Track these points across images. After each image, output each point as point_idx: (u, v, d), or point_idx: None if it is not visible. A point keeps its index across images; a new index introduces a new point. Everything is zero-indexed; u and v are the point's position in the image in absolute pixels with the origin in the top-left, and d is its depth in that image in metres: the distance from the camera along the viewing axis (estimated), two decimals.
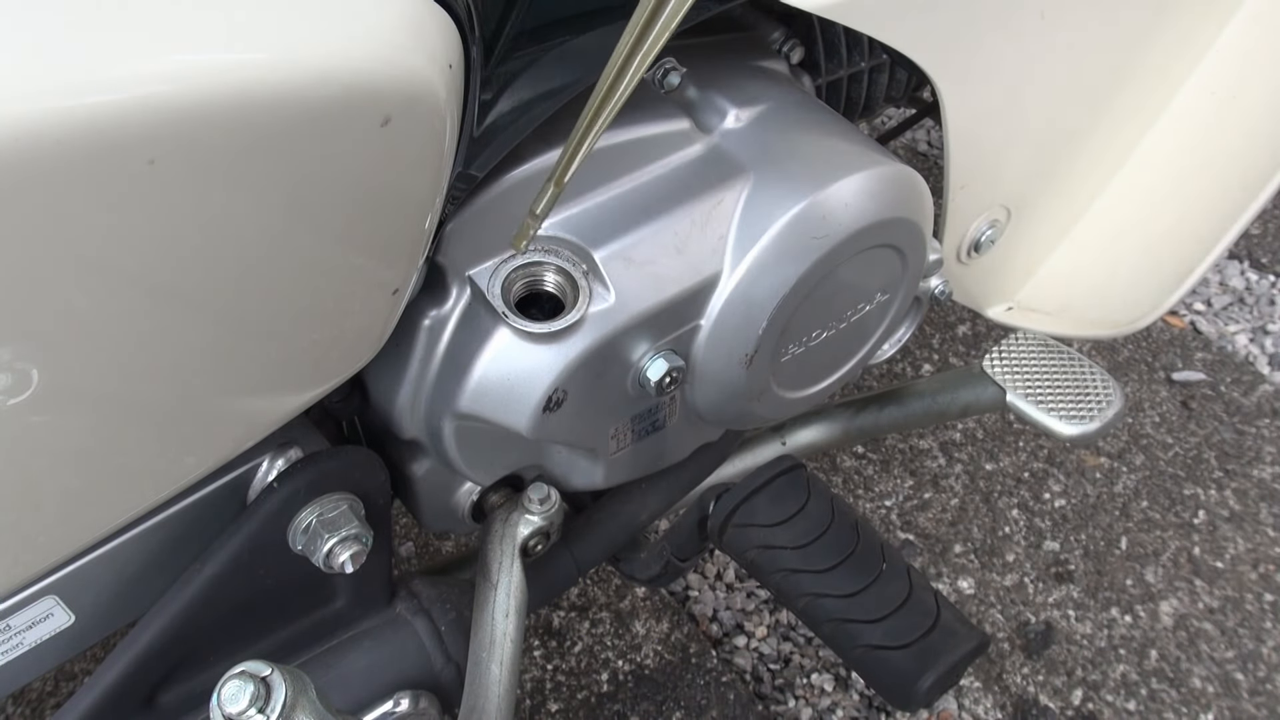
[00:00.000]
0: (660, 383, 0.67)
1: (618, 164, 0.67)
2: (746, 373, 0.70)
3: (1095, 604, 1.29)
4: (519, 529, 0.74)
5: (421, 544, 1.34)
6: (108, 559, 0.58)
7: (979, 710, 1.19)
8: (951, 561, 1.33)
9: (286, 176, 0.41)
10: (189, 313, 0.43)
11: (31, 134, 0.32)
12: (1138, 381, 1.57)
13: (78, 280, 0.38)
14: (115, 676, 0.60)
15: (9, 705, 1.14)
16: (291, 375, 0.53)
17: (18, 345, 0.39)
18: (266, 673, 0.51)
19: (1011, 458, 1.46)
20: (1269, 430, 1.49)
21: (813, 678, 1.21)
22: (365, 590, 0.71)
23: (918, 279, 0.80)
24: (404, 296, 0.56)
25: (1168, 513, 1.39)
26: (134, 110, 0.34)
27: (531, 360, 0.62)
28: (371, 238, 0.48)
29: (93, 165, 0.34)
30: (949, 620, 0.75)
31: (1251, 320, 1.68)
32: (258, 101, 0.37)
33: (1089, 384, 0.90)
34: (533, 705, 1.17)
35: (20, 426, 0.42)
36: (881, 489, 1.41)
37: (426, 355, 0.64)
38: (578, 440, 0.70)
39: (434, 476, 0.74)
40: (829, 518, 0.79)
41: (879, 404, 0.99)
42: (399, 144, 0.43)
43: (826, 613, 0.76)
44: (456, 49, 0.44)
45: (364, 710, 0.70)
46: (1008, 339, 0.94)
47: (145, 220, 0.38)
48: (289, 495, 0.61)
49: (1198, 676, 1.22)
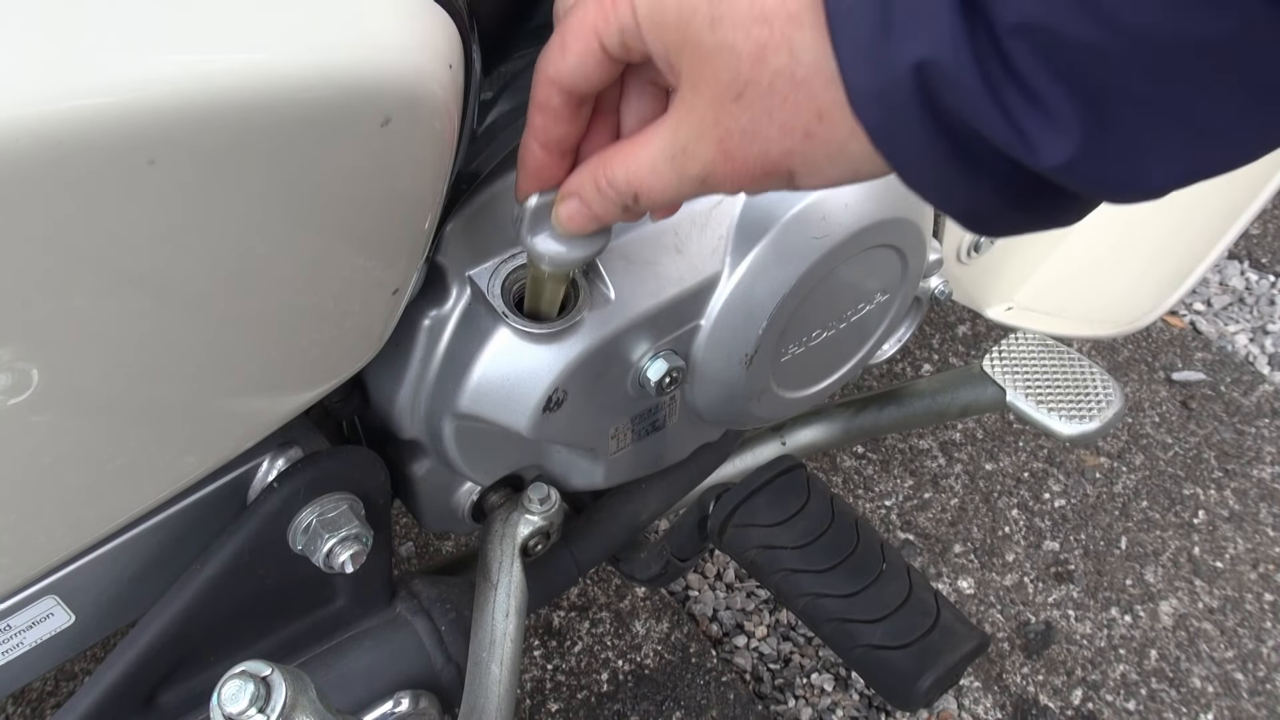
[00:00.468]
0: (660, 383, 0.67)
1: None
2: (746, 373, 0.70)
3: (1095, 604, 1.29)
4: (519, 529, 0.74)
5: (421, 544, 1.34)
6: (108, 559, 0.58)
7: (979, 710, 1.19)
8: (951, 561, 1.33)
9: (286, 176, 0.41)
10: (189, 313, 0.43)
11: (31, 134, 0.32)
12: (1138, 381, 1.57)
13: (78, 280, 0.38)
14: (115, 676, 0.60)
15: (9, 705, 1.14)
16: (291, 375, 0.53)
17: (17, 345, 0.39)
18: (266, 673, 0.51)
19: (1011, 458, 1.46)
20: (1269, 430, 1.49)
21: (813, 677, 1.21)
22: (365, 590, 0.71)
23: (918, 279, 0.80)
24: (404, 296, 0.56)
25: (1168, 513, 1.39)
26: (134, 110, 0.34)
27: (531, 360, 0.62)
28: (371, 238, 0.48)
29: (93, 165, 0.34)
30: (949, 620, 0.75)
31: (1251, 320, 1.68)
32: (257, 102, 0.37)
33: (1089, 384, 0.90)
34: (533, 705, 1.17)
35: (20, 426, 0.42)
36: (881, 489, 1.41)
37: (426, 355, 0.64)
38: (578, 440, 0.70)
39: (434, 476, 0.74)
40: (829, 518, 0.79)
41: (879, 404, 1.00)
42: (399, 144, 0.43)
43: (826, 613, 0.76)
44: (456, 49, 0.44)
45: (364, 710, 0.70)
46: (1008, 339, 0.94)
47: (145, 220, 0.38)
48: (289, 495, 0.61)
49: (1197, 676, 1.22)
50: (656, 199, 0.43)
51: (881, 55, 0.32)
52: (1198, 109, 0.30)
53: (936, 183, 0.35)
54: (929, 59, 0.31)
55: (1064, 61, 0.29)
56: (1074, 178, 0.32)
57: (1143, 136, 0.31)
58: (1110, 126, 0.30)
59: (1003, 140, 0.32)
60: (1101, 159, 0.31)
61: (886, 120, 0.34)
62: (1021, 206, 0.35)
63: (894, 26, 0.32)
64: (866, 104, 0.34)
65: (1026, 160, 0.32)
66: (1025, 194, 0.35)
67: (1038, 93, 0.30)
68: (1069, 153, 0.31)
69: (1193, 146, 0.31)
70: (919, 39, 0.31)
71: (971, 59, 0.30)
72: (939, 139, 0.33)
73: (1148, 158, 0.31)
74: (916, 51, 0.31)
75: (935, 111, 0.33)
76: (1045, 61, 0.29)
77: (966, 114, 0.32)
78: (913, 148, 0.34)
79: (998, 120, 0.31)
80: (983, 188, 0.34)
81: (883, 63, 0.33)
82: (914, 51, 0.31)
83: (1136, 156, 0.31)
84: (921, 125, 0.33)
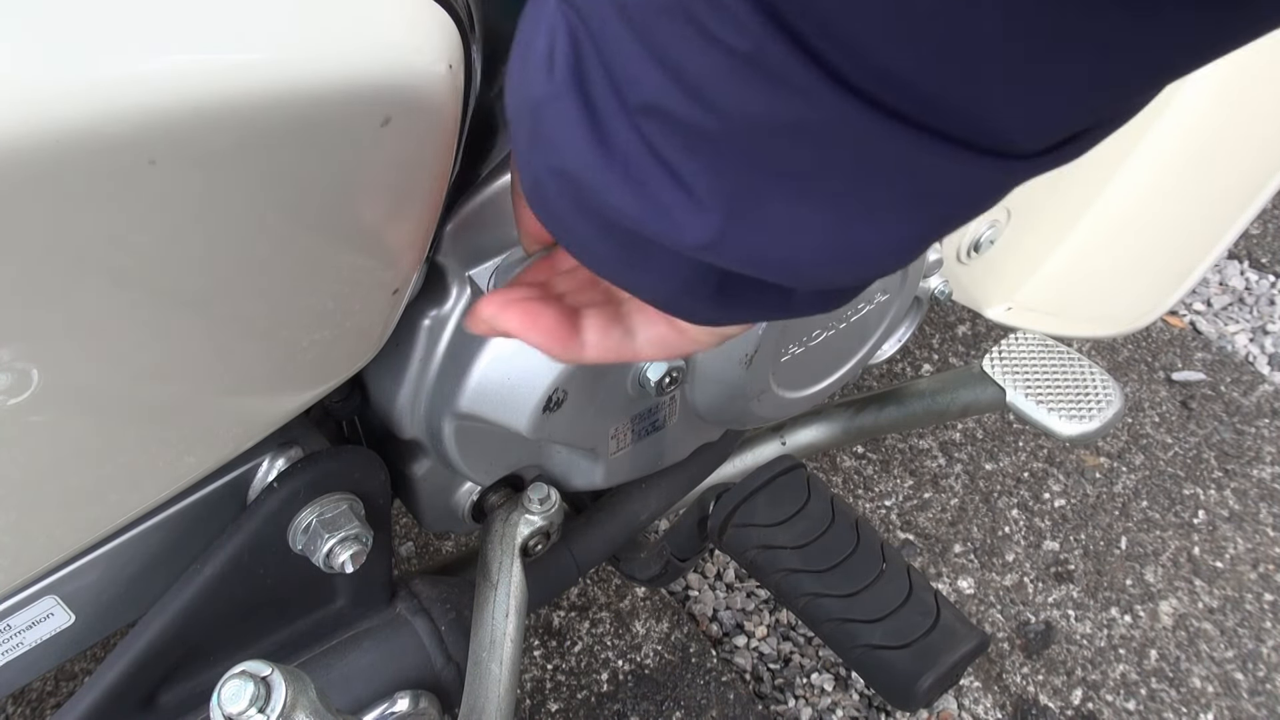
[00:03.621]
0: (660, 383, 0.67)
1: None
2: (746, 373, 0.70)
3: (1095, 604, 1.29)
4: (519, 529, 0.74)
5: (421, 544, 1.34)
6: (108, 559, 0.58)
7: (979, 710, 1.19)
8: (951, 561, 1.33)
9: (286, 176, 0.41)
10: (189, 312, 0.43)
11: (31, 134, 0.32)
12: (1137, 381, 1.57)
13: (78, 280, 0.38)
14: (115, 676, 0.60)
15: (9, 705, 1.14)
16: (292, 375, 0.53)
17: (18, 345, 0.39)
18: (266, 673, 0.51)
19: (1011, 458, 1.46)
20: (1269, 430, 1.49)
21: (813, 677, 1.21)
22: (365, 590, 0.71)
23: (918, 279, 0.80)
24: (404, 296, 0.56)
25: (1167, 513, 1.39)
26: (134, 110, 0.34)
27: (531, 360, 0.62)
28: (371, 238, 0.48)
29: (93, 165, 0.34)
30: (949, 620, 0.75)
31: (1251, 320, 1.68)
32: (257, 102, 0.37)
33: (1089, 384, 0.90)
34: (533, 705, 1.17)
35: (20, 426, 0.42)
36: (881, 489, 1.41)
37: (426, 355, 0.64)
38: (578, 440, 0.70)
39: (434, 476, 0.74)
40: (829, 518, 0.79)
41: (879, 404, 1.00)
42: (399, 144, 0.43)
43: (826, 612, 0.76)
44: (456, 49, 0.44)
45: (364, 710, 0.70)
46: (1008, 339, 0.94)
47: (145, 220, 0.38)
48: (289, 495, 0.61)
49: (1197, 676, 1.22)
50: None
51: (526, 158, 0.34)
52: (816, 189, 0.29)
53: (622, 277, 0.36)
54: (559, 167, 0.32)
55: (689, 140, 0.29)
56: (724, 257, 0.32)
57: (776, 213, 0.30)
58: (745, 204, 0.30)
59: (647, 224, 0.31)
60: (744, 238, 0.30)
61: (551, 219, 0.36)
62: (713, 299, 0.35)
63: (532, 134, 0.33)
64: (534, 205, 0.36)
65: (673, 241, 0.31)
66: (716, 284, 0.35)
67: (676, 169, 0.30)
68: (711, 230, 0.30)
69: (832, 228, 0.30)
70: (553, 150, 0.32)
71: (598, 153, 0.31)
72: (600, 232, 0.34)
73: (791, 238, 0.30)
74: (548, 160, 0.33)
75: (582, 209, 0.33)
76: (673, 139, 0.29)
77: (607, 206, 0.32)
78: (580, 243, 0.36)
79: (636, 205, 0.31)
80: (667, 280, 0.35)
81: (527, 165, 0.35)
82: (546, 160, 0.33)
83: (780, 236, 0.30)
84: (578, 222, 0.34)
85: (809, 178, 0.28)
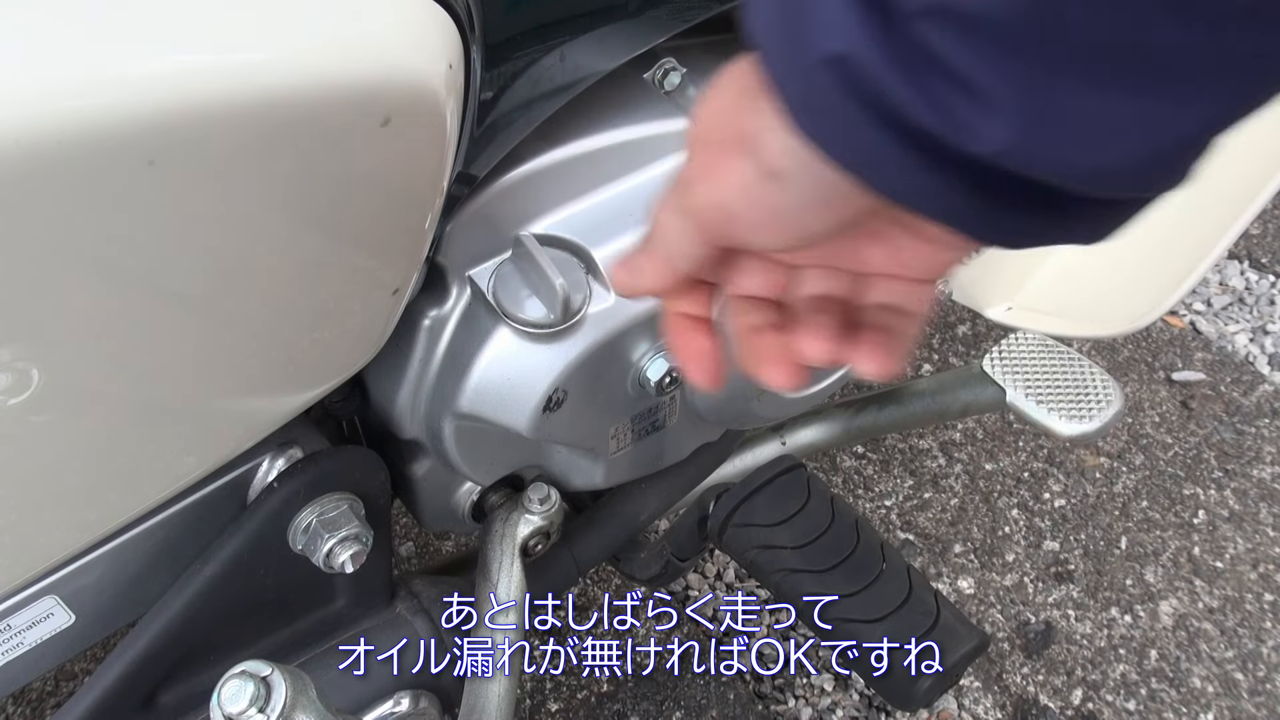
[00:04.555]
0: (660, 383, 0.67)
1: (617, 164, 0.67)
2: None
3: (1095, 604, 1.29)
4: (519, 529, 0.74)
5: (421, 544, 1.34)
6: (108, 559, 0.58)
7: (979, 710, 1.19)
8: (951, 561, 1.33)
9: (286, 176, 0.41)
10: (189, 313, 0.43)
11: (31, 134, 0.32)
12: (1138, 381, 1.57)
13: (78, 280, 0.38)
14: (115, 676, 0.60)
15: (9, 705, 1.14)
16: (292, 375, 0.53)
17: (18, 345, 0.39)
18: (266, 672, 0.51)
19: (1011, 458, 1.46)
20: (1269, 430, 1.49)
21: (813, 677, 1.21)
22: (365, 590, 0.71)
23: None
24: (404, 296, 0.56)
25: (1167, 513, 1.39)
26: (134, 110, 0.34)
27: (531, 360, 0.62)
28: (372, 238, 0.48)
29: (93, 165, 0.34)
30: (949, 620, 0.75)
31: (1251, 320, 1.68)
32: (258, 101, 0.37)
33: (1089, 384, 0.90)
34: (533, 705, 1.17)
35: (20, 426, 0.42)
36: (881, 489, 1.41)
37: (426, 355, 0.64)
38: (578, 440, 0.70)
39: (434, 476, 0.74)
40: (829, 518, 0.79)
41: (879, 404, 1.00)
42: (399, 144, 0.43)
43: (826, 612, 0.76)
44: (456, 49, 0.44)
45: (364, 710, 0.70)
46: (1008, 339, 0.94)
47: (145, 220, 0.38)
48: (289, 495, 0.61)
49: (1198, 676, 1.22)
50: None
51: (795, 60, 0.32)
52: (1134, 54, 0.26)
53: (903, 186, 0.33)
54: (837, 54, 0.30)
55: (978, 37, 0.27)
56: (1024, 163, 0.30)
57: (1085, 104, 0.28)
58: (1045, 100, 0.28)
59: (936, 127, 0.30)
60: (1046, 139, 0.28)
61: (825, 125, 0.33)
62: (1008, 206, 0.32)
63: (798, 33, 0.31)
64: (801, 114, 0.33)
65: (967, 146, 0.29)
66: (1011, 192, 0.32)
67: (960, 74, 0.28)
68: (1009, 135, 0.28)
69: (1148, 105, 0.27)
70: (826, 37, 0.30)
71: (880, 46, 0.29)
72: (884, 133, 0.31)
73: (1099, 129, 0.28)
74: (823, 48, 0.30)
75: (864, 105, 0.31)
76: (958, 41, 0.27)
77: (893, 103, 0.30)
78: (859, 148, 0.32)
79: (924, 106, 0.29)
80: (954, 185, 0.32)
81: (796, 66, 0.32)
82: (821, 49, 0.30)
83: (1087, 130, 0.28)
84: (861, 122, 0.31)
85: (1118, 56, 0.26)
